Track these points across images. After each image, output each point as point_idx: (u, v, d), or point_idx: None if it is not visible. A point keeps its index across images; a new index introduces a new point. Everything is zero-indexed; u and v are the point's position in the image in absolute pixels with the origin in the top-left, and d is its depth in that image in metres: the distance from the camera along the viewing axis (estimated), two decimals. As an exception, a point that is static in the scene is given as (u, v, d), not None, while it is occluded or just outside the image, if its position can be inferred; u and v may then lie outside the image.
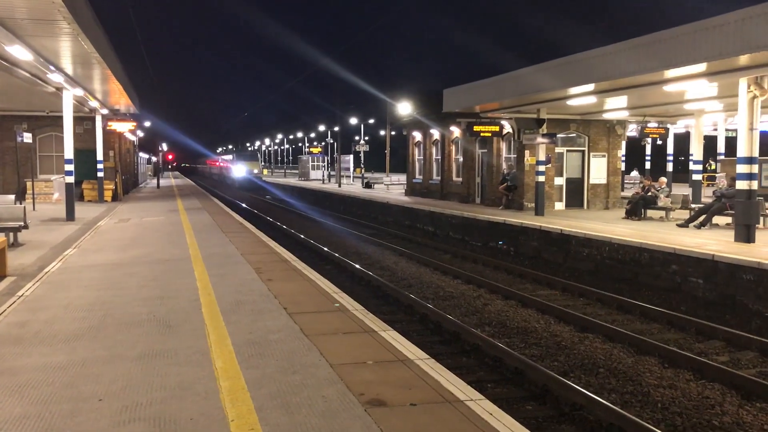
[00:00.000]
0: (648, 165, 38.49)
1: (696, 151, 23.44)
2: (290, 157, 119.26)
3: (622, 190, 26.94)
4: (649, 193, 19.69)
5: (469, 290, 13.33)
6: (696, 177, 23.67)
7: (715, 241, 13.85)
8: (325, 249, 18.75)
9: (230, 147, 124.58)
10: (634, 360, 8.91)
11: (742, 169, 13.68)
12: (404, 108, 35.22)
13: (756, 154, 13.56)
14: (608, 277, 14.43)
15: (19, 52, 14.93)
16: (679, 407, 7.32)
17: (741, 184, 13.79)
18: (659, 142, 33.32)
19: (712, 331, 10.16)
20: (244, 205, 37.32)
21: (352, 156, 66.09)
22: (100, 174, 30.13)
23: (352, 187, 50.30)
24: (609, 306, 12.02)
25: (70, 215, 20.63)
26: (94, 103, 27.51)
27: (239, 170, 73.40)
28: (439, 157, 31.33)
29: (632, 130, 27.66)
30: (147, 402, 5.06)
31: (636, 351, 9.25)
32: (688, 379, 8.21)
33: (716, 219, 16.89)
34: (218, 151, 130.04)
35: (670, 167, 35.21)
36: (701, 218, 16.44)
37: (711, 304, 11.86)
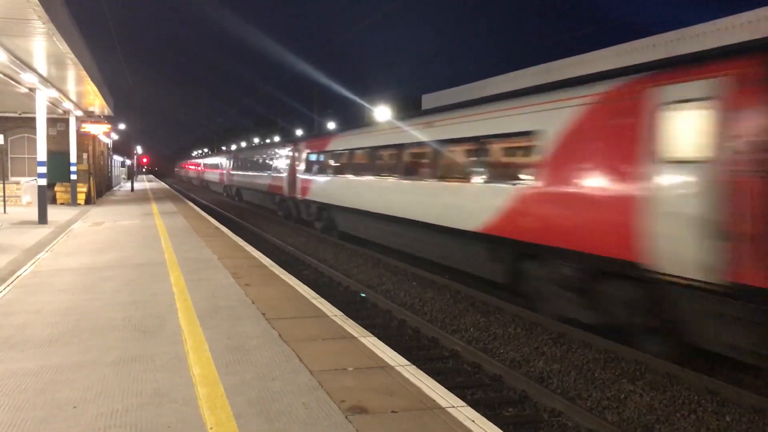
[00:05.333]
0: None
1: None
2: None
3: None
4: None
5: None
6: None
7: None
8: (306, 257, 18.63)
9: (206, 150, 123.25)
10: None
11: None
12: (382, 113, 35.27)
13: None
14: None
15: (-9, 51, 14.67)
16: None
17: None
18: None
19: None
20: (219, 209, 37.01)
21: None
22: (74, 177, 29.68)
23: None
24: None
25: (43, 218, 20.28)
26: (68, 105, 27.13)
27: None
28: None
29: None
30: (123, 409, 4.96)
31: None
32: None
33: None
34: (194, 154, 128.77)
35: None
36: None
37: None
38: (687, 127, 8.01)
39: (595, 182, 9.46)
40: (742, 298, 7.39)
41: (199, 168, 77.86)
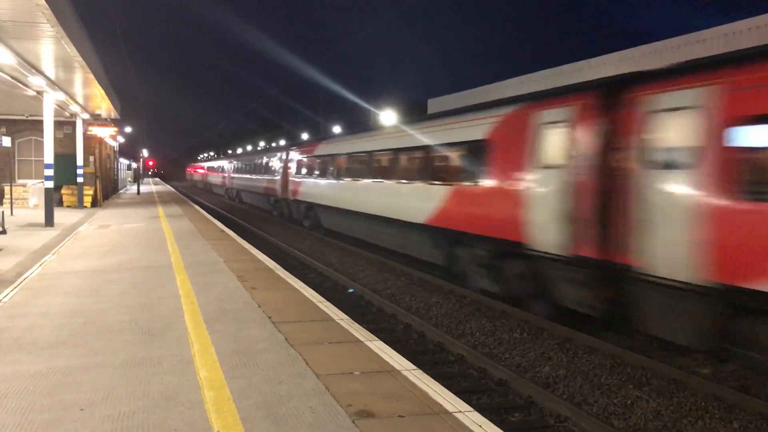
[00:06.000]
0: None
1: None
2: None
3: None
4: None
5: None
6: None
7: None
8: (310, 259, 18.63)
9: (212, 154, 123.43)
10: None
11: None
12: (388, 117, 35.31)
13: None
14: None
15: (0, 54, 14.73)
16: None
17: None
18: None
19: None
20: (225, 212, 37.08)
21: None
22: (80, 179, 29.81)
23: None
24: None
25: (49, 221, 20.35)
26: (75, 108, 27.24)
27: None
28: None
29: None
30: (130, 412, 4.97)
31: None
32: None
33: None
34: (199, 157, 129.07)
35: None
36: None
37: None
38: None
39: None
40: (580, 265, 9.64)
41: (224, 173, 55.76)
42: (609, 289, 9.58)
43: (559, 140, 10.42)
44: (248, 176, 41.22)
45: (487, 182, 12.39)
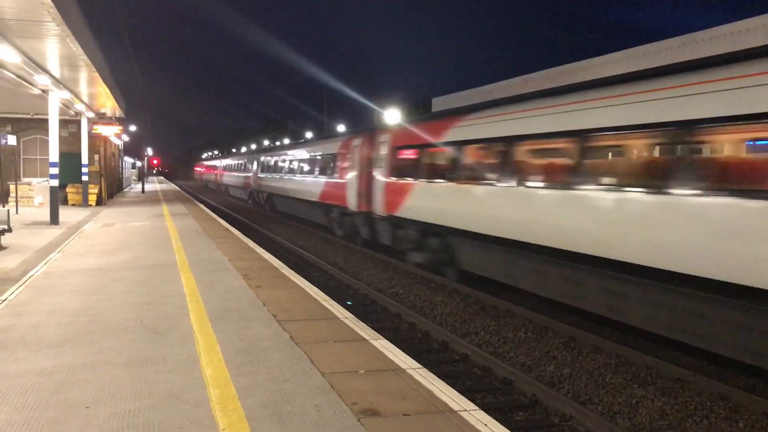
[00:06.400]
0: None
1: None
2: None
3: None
4: None
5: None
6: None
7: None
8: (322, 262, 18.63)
9: (216, 153, 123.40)
10: None
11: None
12: (392, 115, 35.30)
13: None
14: None
15: (5, 53, 14.76)
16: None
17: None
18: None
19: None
20: (229, 211, 37.07)
21: None
22: (85, 178, 29.86)
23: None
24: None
25: (54, 219, 20.40)
26: (80, 106, 27.28)
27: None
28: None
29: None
30: (136, 410, 4.98)
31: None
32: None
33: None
34: (203, 156, 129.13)
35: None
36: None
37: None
38: None
39: None
40: None
41: (248, 172, 42.68)
42: None
43: None
44: (288, 177, 30.04)
45: None
